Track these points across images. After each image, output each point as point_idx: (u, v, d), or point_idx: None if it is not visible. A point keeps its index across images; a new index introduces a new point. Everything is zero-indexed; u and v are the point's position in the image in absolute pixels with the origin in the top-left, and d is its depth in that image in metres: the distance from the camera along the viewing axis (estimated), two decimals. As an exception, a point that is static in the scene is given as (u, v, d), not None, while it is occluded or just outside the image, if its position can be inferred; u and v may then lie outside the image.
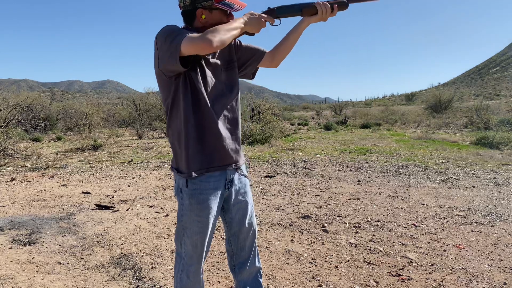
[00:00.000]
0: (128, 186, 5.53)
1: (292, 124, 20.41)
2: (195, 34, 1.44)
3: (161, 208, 4.32)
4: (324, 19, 1.69)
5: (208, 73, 1.59)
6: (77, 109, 19.42)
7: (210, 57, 1.61)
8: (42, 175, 6.43)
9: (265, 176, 6.09)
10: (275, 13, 1.68)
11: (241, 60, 1.79)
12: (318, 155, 8.36)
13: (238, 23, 1.53)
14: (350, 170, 6.61)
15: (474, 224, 3.64)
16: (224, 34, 1.44)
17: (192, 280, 1.67)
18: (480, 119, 14.56)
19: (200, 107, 1.56)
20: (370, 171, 6.44)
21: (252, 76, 1.90)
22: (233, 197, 1.72)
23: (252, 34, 1.64)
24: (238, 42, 1.78)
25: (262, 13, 1.66)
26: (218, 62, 1.65)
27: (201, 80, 1.56)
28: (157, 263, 2.82)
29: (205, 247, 1.67)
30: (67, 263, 2.82)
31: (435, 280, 2.51)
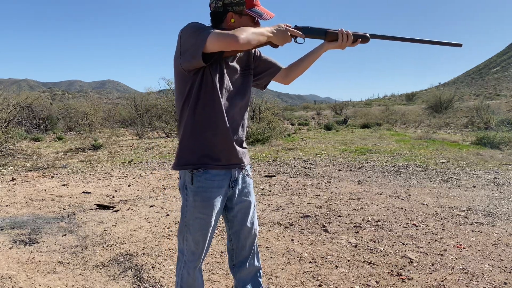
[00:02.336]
0: (129, 186, 5.54)
1: (292, 124, 20.41)
2: (221, 31, 1.47)
3: (162, 208, 4.32)
4: (342, 47, 1.75)
5: (226, 75, 1.63)
6: (78, 109, 19.44)
7: (230, 60, 1.65)
8: (43, 175, 6.44)
9: (266, 176, 6.09)
10: (301, 32, 1.71)
11: (257, 70, 1.83)
12: (319, 155, 8.36)
13: (265, 30, 1.58)
14: (351, 170, 6.62)
15: (475, 224, 3.64)
16: (251, 35, 1.49)
17: (193, 276, 1.69)
18: (481, 119, 14.55)
19: (213, 105, 1.59)
20: (370, 171, 6.44)
21: (263, 87, 1.95)
22: (236, 196, 1.75)
23: (276, 46, 1.68)
24: (258, 52, 1.82)
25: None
26: (237, 66, 1.70)
27: (218, 79, 1.59)
28: (158, 263, 2.82)
29: (207, 244, 1.69)
30: (68, 263, 2.83)
31: (435, 280, 2.51)
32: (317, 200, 4.61)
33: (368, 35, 1.75)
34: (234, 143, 1.66)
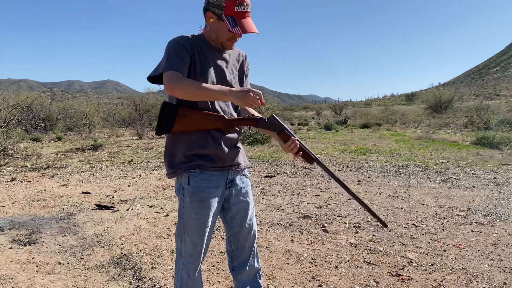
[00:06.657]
0: (128, 186, 5.53)
1: (292, 124, 20.41)
2: (174, 73, 1.48)
3: (161, 208, 4.32)
4: (286, 150, 1.71)
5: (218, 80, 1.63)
6: (77, 109, 19.42)
7: (226, 71, 1.67)
8: (42, 175, 6.43)
9: (265, 176, 6.09)
10: (268, 120, 1.68)
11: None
12: (318, 155, 8.37)
13: (221, 90, 1.51)
14: (350, 170, 6.62)
15: (474, 224, 3.64)
16: (191, 89, 1.47)
17: (192, 278, 1.69)
18: (480, 119, 14.56)
19: (205, 107, 1.60)
20: (370, 171, 6.44)
21: None
22: (233, 196, 1.74)
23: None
24: (247, 73, 1.81)
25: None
26: (231, 75, 1.70)
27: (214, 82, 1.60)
28: (157, 263, 2.82)
29: (205, 245, 1.68)
30: (67, 263, 2.83)
31: (435, 280, 2.51)
32: (316, 200, 4.61)
33: (314, 157, 1.72)
34: (227, 146, 1.65)
